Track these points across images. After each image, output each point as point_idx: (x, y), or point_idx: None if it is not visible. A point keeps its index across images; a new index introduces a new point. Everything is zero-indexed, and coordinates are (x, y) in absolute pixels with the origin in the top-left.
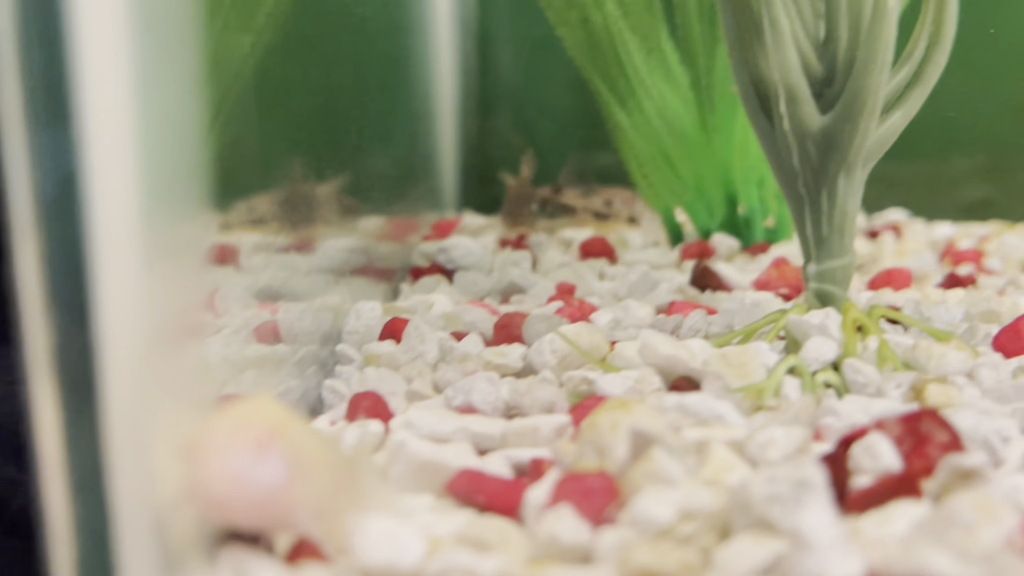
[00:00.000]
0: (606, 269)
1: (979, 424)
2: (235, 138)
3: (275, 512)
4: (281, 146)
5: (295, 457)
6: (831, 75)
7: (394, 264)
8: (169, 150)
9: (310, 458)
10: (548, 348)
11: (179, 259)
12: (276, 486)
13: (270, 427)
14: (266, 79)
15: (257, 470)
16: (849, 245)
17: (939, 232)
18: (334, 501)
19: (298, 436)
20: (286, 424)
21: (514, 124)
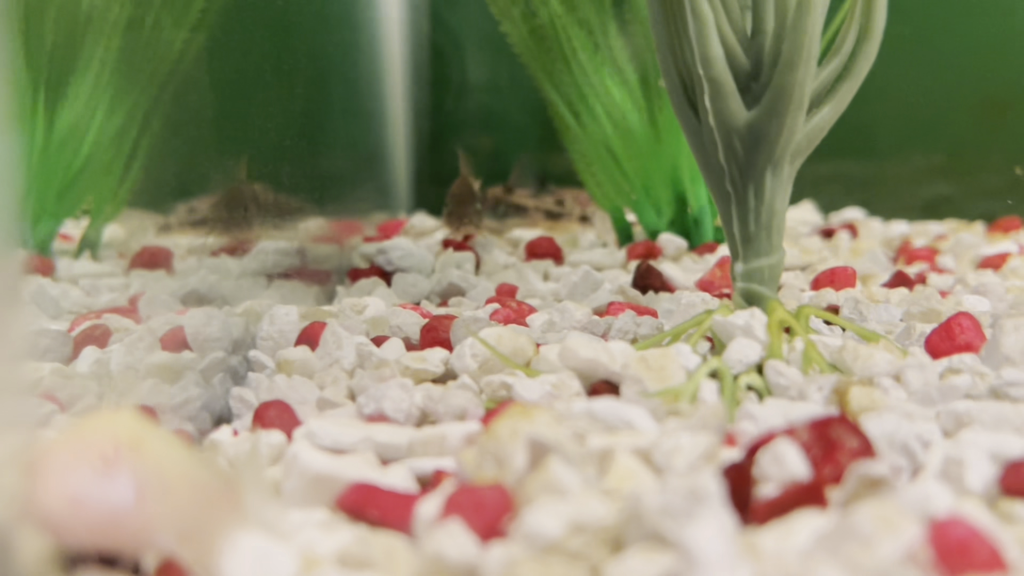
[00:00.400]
0: (551, 270)
1: (899, 429)
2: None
3: (123, 533)
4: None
5: (150, 474)
6: (758, 69)
7: (331, 266)
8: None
9: (171, 474)
10: (469, 352)
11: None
12: (123, 506)
13: (121, 442)
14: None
15: (100, 489)
16: (777, 243)
17: (895, 230)
18: (202, 520)
19: (157, 451)
20: (142, 439)
21: (467, 124)
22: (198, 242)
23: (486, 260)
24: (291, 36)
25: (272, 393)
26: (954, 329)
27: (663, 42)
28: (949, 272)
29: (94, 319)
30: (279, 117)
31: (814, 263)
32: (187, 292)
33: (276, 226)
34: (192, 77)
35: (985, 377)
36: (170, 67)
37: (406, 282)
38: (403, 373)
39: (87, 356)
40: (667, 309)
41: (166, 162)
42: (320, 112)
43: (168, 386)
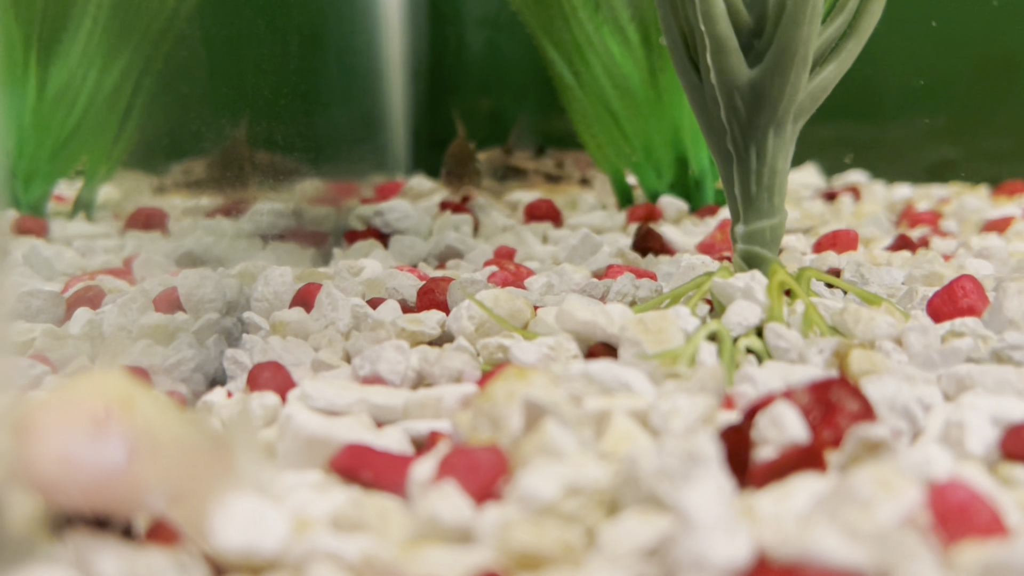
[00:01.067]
0: (550, 232)
1: (899, 392)
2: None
3: (114, 494)
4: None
5: (141, 434)
6: (761, 25)
7: (327, 227)
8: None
9: (162, 436)
10: (465, 314)
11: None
12: (114, 466)
13: (111, 403)
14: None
15: (90, 450)
16: (779, 205)
17: (898, 194)
18: (193, 480)
19: (147, 412)
20: (132, 399)
21: (466, 85)
22: (193, 203)
23: (484, 223)
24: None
25: (266, 355)
26: (956, 292)
27: (664, 1)
28: (952, 236)
29: (88, 280)
30: (274, 76)
31: (816, 226)
32: (182, 253)
33: (272, 187)
34: (186, 34)
35: (987, 340)
36: (164, 24)
37: (403, 244)
38: (399, 335)
39: (79, 317)
40: (667, 272)
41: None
42: (316, 71)
43: (161, 347)
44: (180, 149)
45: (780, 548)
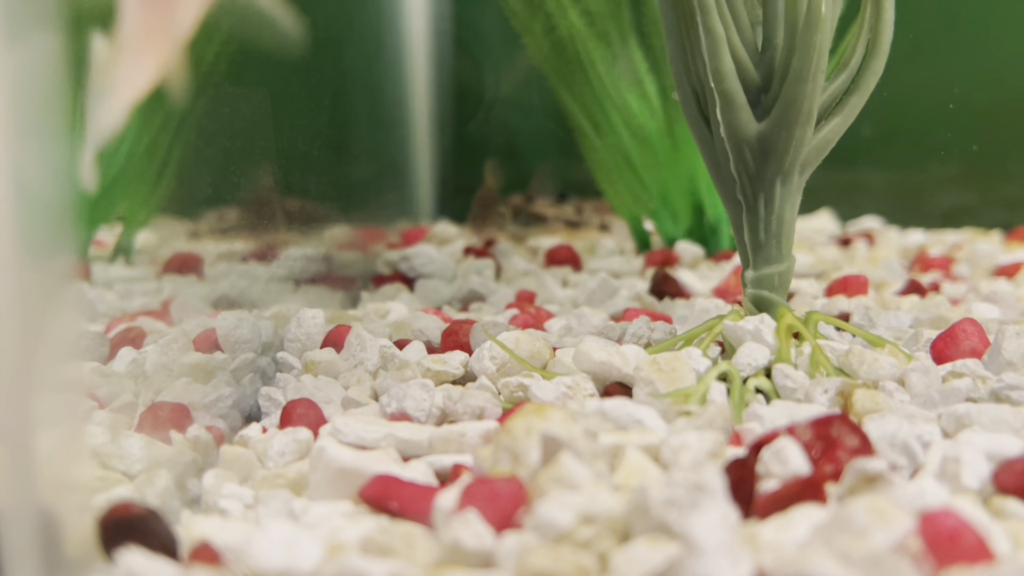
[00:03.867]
0: (570, 276)
1: (900, 429)
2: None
3: None
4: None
5: None
6: (768, 82)
7: (355, 272)
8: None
9: None
10: (487, 355)
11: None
12: None
13: None
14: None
15: None
16: (787, 251)
17: (912, 239)
18: None
19: None
20: None
21: (489, 135)
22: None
23: (506, 267)
24: (319, 50)
25: (299, 392)
26: (959, 335)
27: (676, 56)
28: (964, 280)
29: (129, 321)
30: (307, 128)
31: (829, 271)
32: (218, 296)
33: (303, 233)
34: (223, 89)
35: (986, 381)
36: (202, 79)
37: (428, 288)
38: (424, 374)
39: (124, 356)
40: (682, 315)
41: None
42: (347, 123)
43: (201, 385)
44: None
45: (779, 571)
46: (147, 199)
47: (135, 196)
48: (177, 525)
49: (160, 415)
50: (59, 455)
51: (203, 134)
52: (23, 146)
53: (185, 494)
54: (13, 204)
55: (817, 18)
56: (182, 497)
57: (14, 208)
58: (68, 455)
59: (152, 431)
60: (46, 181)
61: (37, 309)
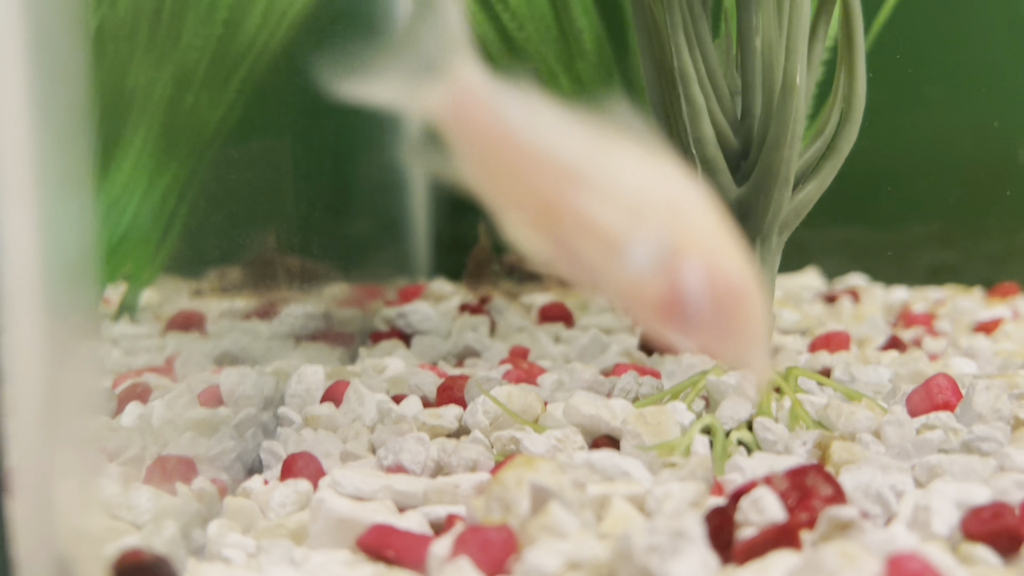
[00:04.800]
0: (562, 333)
1: (874, 479)
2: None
3: None
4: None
5: None
6: (747, 149)
7: (354, 328)
8: (68, 234)
9: None
10: (481, 409)
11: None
12: None
13: None
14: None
15: None
16: (768, 308)
17: (896, 296)
18: None
19: None
20: None
21: None
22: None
23: (500, 323)
24: (320, 113)
25: (300, 446)
26: (932, 389)
27: (660, 123)
28: (945, 336)
29: (135, 377)
30: (309, 190)
31: (814, 327)
32: (220, 353)
33: (304, 291)
34: (227, 153)
35: (958, 433)
36: (207, 143)
37: (424, 344)
38: (420, 428)
39: (131, 411)
40: (670, 370)
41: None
42: (347, 186)
43: (205, 439)
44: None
45: None
46: (152, 259)
47: (140, 256)
48: (183, 573)
49: (167, 468)
50: (75, 506)
51: (208, 196)
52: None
53: (191, 543)
54: (40, 260)
55: (792, 88)
56: (188, 546)
57: (40, 264)
58: (83, 506)
59: (159, 483)
60: (70, 238)
61: (59, 365)
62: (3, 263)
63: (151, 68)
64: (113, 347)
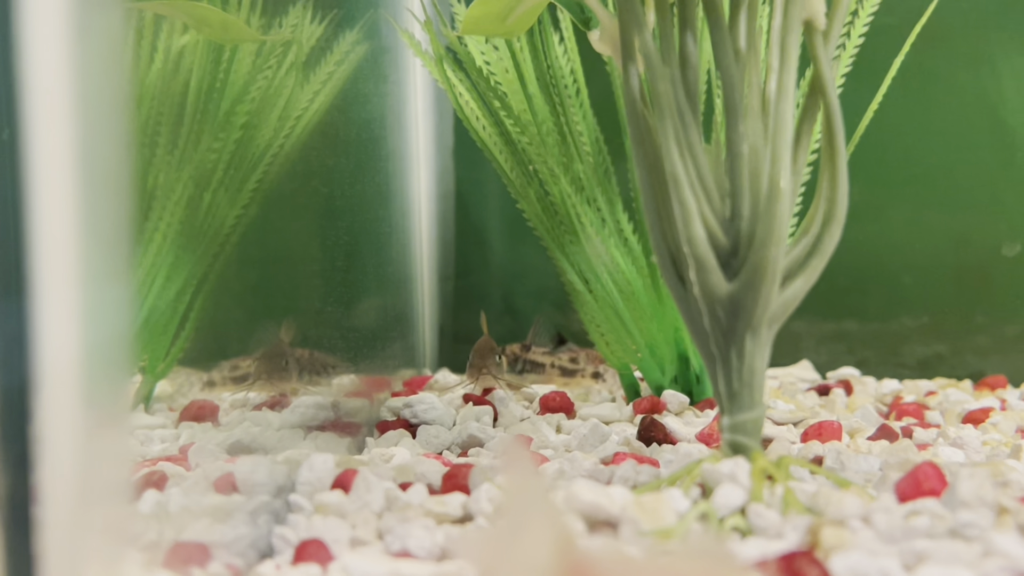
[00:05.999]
0: (564, 422)
1: (862, 563)
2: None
3: None
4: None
5: None
6: (736, 247)
7: (362, 419)
8: (104, 327)
9: None
10: (485, 497)
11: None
12: None
13: None
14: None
15: None
16: (759, 399)
17: (887, 387)
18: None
19: None
20: None
21: (488, 289)
22: (241, 397)
23: (503, 413)
24: (333, 213)
25: (310, 532)
26: (919, 477)
27: (654, 223)
28: (936, 426)
29: (151, 466)
30: (320, 286)
31: (807, 418)
32: (232, 443)
33: (313, 383)
34: (243, 251)
35: (944, 519)
36: (223, 241)
37: (429, 434)
38: (426, 515)
39: (148, 498)
40: (668, 459)
41: (216, 325)
42: (357, 282)
43: (220, 525)
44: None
45: None
46: (167, 351)
47: (156, 348)
48: None
49: (183, 553)
50: None
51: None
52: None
53: None
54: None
55: (777, 192)
56: None
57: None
58: None
59: (177, 568)
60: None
61: (91, 453)
62: (43, 350)
63: (172, 169)
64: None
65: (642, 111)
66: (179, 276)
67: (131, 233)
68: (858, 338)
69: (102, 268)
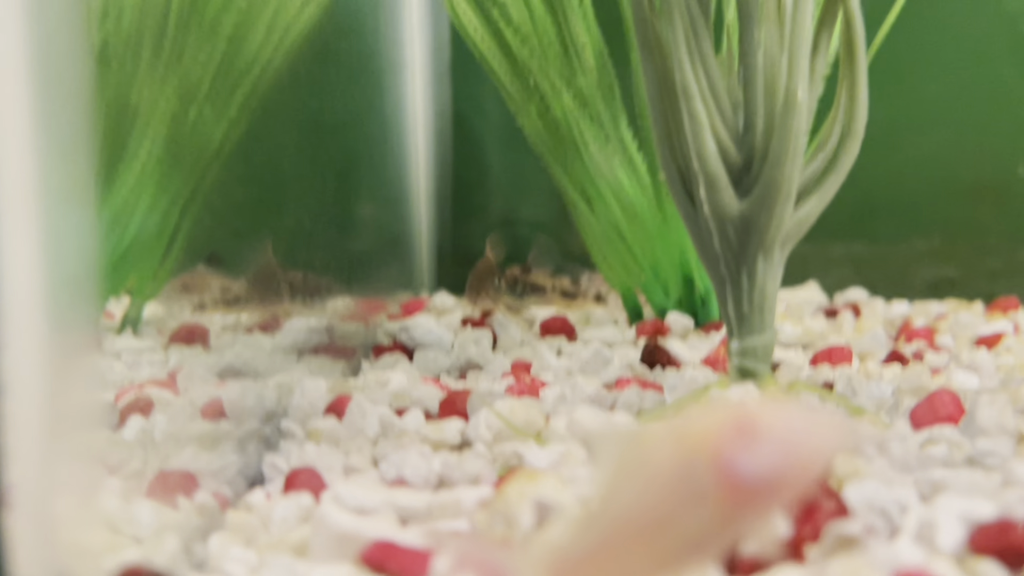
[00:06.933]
0: (564, 346)
1: (878, 494)
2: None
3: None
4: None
5: None
6: (749, 163)
7: (357, 342)
8: (69, 249)
9: None
10: (484, 423)
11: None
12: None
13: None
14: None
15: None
16: (769, 322)
17: (897, 310)
18: None
19: None
20: None
21: (487, 208)
22: (233, 320)
23: (503, 337)
24: (324, 129)
25: (302, 460)
26: (936, 403)
27: (662, 138)
28: (946, 350)
29: (137, 391)
30: (312, 206)
31: (815, 341)
32: (223, 367)
33: (306, 306)
34: (231, 168)
35: (962, 447)
36: (211, 157)
37: (427, 358)
38: (423, 442)
39: (133, 424)
40: (672, 384)
41: (204, 245)
42: (350, 201)
43: (207, 453)
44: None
45: None
46: (155, 272)
47: (144, 269)
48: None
49: (168, 482)
50: (75, 520)
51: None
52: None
53: (192, 557)
54: (40, 274)
55: (794, 103)
56: (189, 560)
57: (41, 278)
58: (83, 520)
59: (161, 497)
60: (71, 252)
61: (59, 378)
62: (4, 277)
63: (155, 83)
64: (116, 360)
65: (650, 17)
66: (165, 194)
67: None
68: (867, 260)
69: (65, 188)
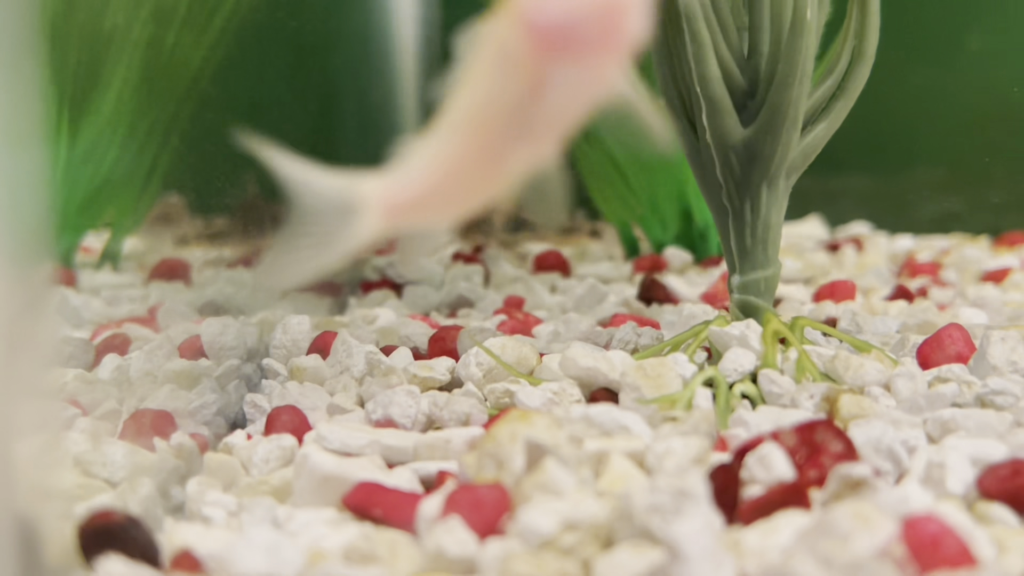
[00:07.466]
0: (558, 282)
1: (885, 435)
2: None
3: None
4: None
5: None
6: (753, 88)
7: (343, 278)
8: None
9: None
10: (474, 361)
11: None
12: None
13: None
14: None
15: None
16: (773, 256)
17: (900, 245)
18: None
19: None
20: None
21: None
22: (215, 254)
23: (495, 273)
24: (305, 54)
25: (284, 399)
26: (944, 340)
27: (662, 61)
28: (952, 286)
29: (115, 328)
30: (294, 134)
31: (817, 276)
32: (204, 303)
33: None
34: (209, 95)
35: (972, 386)
36: (189, 84)
37: (416, 294)
38: (410, 381)
39: (108, 363)
40: (670, 321)
41: (184, 177)
42: (334, 129)
43: (185, 392)
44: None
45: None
46: (134, 205)
47: (122, 202)
48: (160, 533)
49: (144, 422)
50: (39, 462)
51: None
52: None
53: (168, 501)
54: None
55: (802, 24)
56: (165, 505)
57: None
58: (48, 462)
59: (135, 438)
60: (26, 187)
61: (16, 315)
62: None
63: (130, 6)
64: (93, 297)
65: None
66: (142, 125)
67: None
68: (869, 193)
69: (12, 130)
